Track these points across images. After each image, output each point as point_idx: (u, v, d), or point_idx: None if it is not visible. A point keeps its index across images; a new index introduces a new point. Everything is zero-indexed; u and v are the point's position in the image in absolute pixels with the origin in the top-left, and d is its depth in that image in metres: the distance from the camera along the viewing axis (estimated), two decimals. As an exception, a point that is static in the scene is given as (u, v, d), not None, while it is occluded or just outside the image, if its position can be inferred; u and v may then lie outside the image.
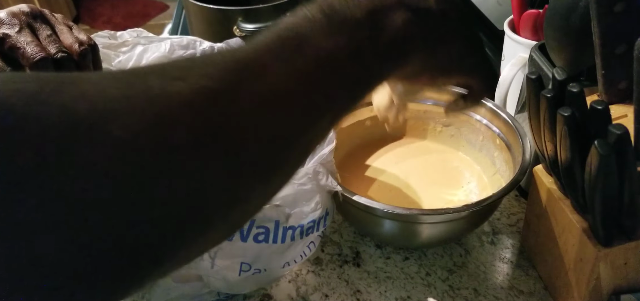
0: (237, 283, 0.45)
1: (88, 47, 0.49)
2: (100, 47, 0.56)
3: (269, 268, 0.44)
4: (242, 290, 0.48)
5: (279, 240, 0.43)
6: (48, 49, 0.46)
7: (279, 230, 0.42)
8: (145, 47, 0.57)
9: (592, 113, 0.36)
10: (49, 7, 2.13)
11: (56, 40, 0.47)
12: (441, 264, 0.52)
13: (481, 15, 0.90)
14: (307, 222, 0.43)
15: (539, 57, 0.51)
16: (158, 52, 0.56)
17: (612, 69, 0.42)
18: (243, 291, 0.49)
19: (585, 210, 0.40)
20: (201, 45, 0.58)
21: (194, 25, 0.81)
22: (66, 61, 0.46)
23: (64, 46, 0.47)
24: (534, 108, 0.43)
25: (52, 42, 0.46)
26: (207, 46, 0.58)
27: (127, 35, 0.58)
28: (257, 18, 0.73)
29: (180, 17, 1.05)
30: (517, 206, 0.58)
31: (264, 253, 0.43)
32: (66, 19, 0.52)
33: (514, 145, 0.53)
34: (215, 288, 0.46)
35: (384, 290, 0.50)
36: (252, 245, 0.42)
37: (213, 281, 0.44)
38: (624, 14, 0.39)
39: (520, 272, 0.51)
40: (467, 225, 0.50)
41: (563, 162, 0.40)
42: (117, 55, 0.57)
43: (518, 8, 0.60)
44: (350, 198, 0.46)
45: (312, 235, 0.45)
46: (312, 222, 0.44)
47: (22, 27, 0.46)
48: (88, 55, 0.49)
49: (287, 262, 0.45)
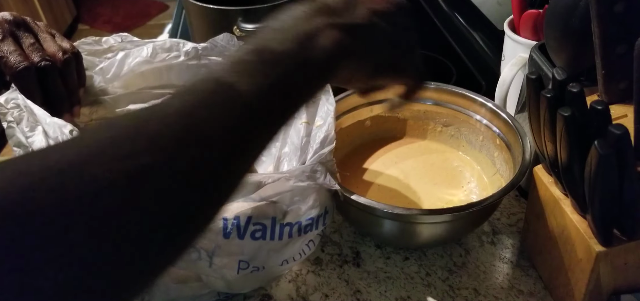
0: (236, 281, 0.45)
1: (71, 55, 0.49)
2: (84, 54, 0.55)
3: (267, 265, 0.44)
4: (242, 289, 0.48)
5: (276, 237, 0.43)
6: (31, 57, 0.46)
7: (276, 226, 0.42)
8: (127, 52, 0.56)
9: (592, 113, 0.36)
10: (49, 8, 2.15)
11: (39, 49, 0.47)
12: (441, 264, 0.52)
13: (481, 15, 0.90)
14: (305, 220, 0.43)
15: (539, 57, 0.51)
16: (140, 57, 0.56)
17: (612, 69, 0.42)
18: (243, 291, 0.49)
19: (585, 210, 0.40)
20: (184, 46, 0.58)
21: (194, 25, 0.81)
22: (50, 69, 0.46)
23: (47, 54, 0.47)
24: (534, 108, 0.43)
25: (35, 51, 0.46)
26: (190, 47, 0.58)
27: (112, 41, 0.58)
28: (257, 18, 0.73)
29: (180, 17, 1.05)
30: (517, 206, 0.58)
31: (262, 251, 0.43)
32: (49, 26, 0.52)
33: (514, 145, 0.53)
34: (214, 288, 0.46)
35: (384, 290, 0.50)
36: (250, 242, 0.42)
37: (212, 281, 0.44)
38: (624, 14, 0.39)
39: (520, 272, 0.51)
40: (467, 225, 0.50)
41: (563, 162, 0.40)
42: (101, 61, 0.57)
43: (518, 8, 0.60)
44: (350, 197, 0.46)
45: (311, 233, 0.45)
46: (310, 219, 0.44)
47: (5, 35, 0.46)
48: (71, 63, 0.49)
49: (285, 260, 0.45)
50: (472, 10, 0.94)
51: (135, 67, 0.56)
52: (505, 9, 0.79)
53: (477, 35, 0.91)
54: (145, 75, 0.58)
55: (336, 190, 0.45)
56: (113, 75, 0.56)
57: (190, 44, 0.58)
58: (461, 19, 0.98)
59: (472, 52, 0.89)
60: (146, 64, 0.56)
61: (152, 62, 0.57)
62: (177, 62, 0.58)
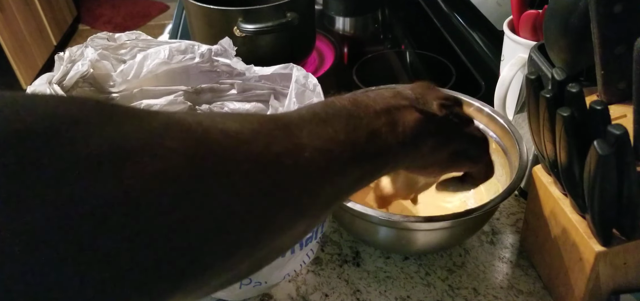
0: (238, 294, 0.46)
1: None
2: (98, 49, 0.56)
3: (269, 280, 0.45)
4: (244, 297, 0.49)
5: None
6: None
7: None
8: (145, 54, 0.57)
9: (591, 114, 0.36)
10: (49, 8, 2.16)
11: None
12: (441, 264, 0.52)
13: (481, 16, 0.90)
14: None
15: (539, 57, 0.51)
16: (158, 59, 0.57)
17: (612, 69, 0.42)
18: (244, 297, 0.49)
19: (585, 210, 0.40)
20: (199, 48, 0.59)
21: (194, 26, 0.81)
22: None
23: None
24: (533, 108, 0.43)
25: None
26: (205, 49, 0.59)
27: (125, 37, 0.58)
28: (257, 18, 0.73)
29: (180, 17, 1.06)
30: (517, 206, 0.58)
31: (264, 269, 0.43)
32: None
33: (510, 150, 0.53)
34: (216, 297, 0.47)
35: (383, 290, 0.50)
36: None
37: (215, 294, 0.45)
38: (624, 14, 0.39)
39: (520, 272, 0.51)
40: (464, 231, 0.50)
41: (562, 162, 0.40)
42: (118, 62, 0.57)
43: (518, 8, 0.60)
44: (345, 205, 0.46)
45: (311, 244, 0.45)
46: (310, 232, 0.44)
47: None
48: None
49: (287, 273, 0.46)
50: (472, 10, 0.94)
51: (154, 69, 0.57)
52: (504, 9, 0.79)
53: (477, 35, 0.91)
54: (159, 77, 0.59)
55: None
56: (133, 76, 0.57)
57: (204, 46, 0.59)
58: (461, 19, 0.99)
59: (472, 52, 0.90)
60: (164, 65, 0.57)
61: (170, 63, 0.58)
62: (191, 64, 0.59)
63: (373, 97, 0.33)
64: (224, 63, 0.60)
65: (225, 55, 0.60)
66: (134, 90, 0.58)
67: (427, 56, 0.93)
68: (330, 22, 1.09)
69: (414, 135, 0.33)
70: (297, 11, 0.74)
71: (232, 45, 0.60)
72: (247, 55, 0.62)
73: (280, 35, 0.76)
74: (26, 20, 2.47)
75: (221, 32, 0.64)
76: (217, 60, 0.59)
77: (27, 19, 2.48)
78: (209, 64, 0.60)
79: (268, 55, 0.77)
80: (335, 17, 1.10)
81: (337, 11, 1.11)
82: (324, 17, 1.10)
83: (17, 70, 2.31)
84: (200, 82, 0.61)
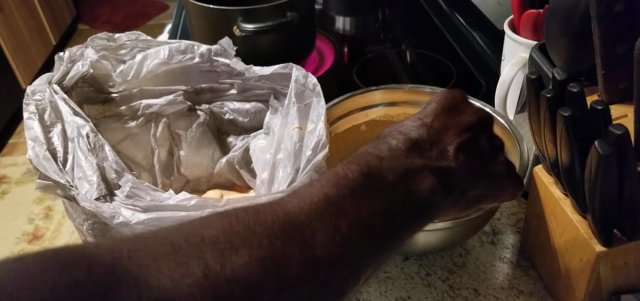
0: None
1: None
2: (98, 49, 0.56)
3: None
4: None
5: None
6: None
7: None
8: (145, 54, 0.57)
9: (592, 114, 0.36)
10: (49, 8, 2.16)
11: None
12: (441, 264, 0.52)
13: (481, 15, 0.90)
14: None
15: (539, 57, 0.51)
16: (157, 59, 0.57)
17: (612, 69, 0.42)
18: None
19: (586, 210, 0.40)
20: (199, 48, 0.59)
21: (194, 25, 0.81)
22: None
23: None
24: (534, 108, 0.43)
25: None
26: (204, 49, 0.59)
27: (125, 38, 0.59)
28: (257, 18, 0.73)
29: (180, 17, 1.06)
30: (517, 206, 0.58)
31: None
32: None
33: (511, 150, 0.53)
34: None
35: (384, 290, 0.50)
36: None
37: None
38: (624, 14, 0.39)
39: (520, 272, 0.51)
40: (465, 232, 0.50)
41: (563, 162, 0.40)
42: (118, 63, 0.57)
43: (518, 8, 0.60)
44: None
45: None
46: None
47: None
48: None
49: None
50: (472, 10, 0.94)
51: (154, 69, 0.57)
52: (505, 9, 0.79)
53: (477, 35, 0.91)
54: (159, 77, 0.59)
55: None
56: (133, 76, 0.57)
57: (204, 46, 0.59)
58: (461, 19, 0.98)
59: (472, 52, 0.89)
60: (163, 65, 0.57)
61: (169, 63, 0.57)
62: (191, 64, 0.59)
63: (387, 156, 0.31)
64: (224, 63, 0.60)
65: (225, 55, 0.60)
66: (133, 90, 0.59)
67: (428, 56, 0.93)
68: (331, 21, 1.09)
69: (428, 205, 0.32)
70: (297, 11, 0.74)
71: (231, 45, 0.60)
72: (247, 55, 0.62)
73: (280, 35, 0.76)
74: (25, 20, 2.47)
75: (221, 32, 0.63)
76: (217, 60, 0.59)
77: (26, 18, 2.48)
78: (208, 63, 0.60)
79: (268, 54, 0.77)
80: (336, 17, 1.10)
81: (338, 11, 1.11)
82: (324, 17, 1.10)
83: (16, 70, 2.30)
84: (200, 82, 0.61)
